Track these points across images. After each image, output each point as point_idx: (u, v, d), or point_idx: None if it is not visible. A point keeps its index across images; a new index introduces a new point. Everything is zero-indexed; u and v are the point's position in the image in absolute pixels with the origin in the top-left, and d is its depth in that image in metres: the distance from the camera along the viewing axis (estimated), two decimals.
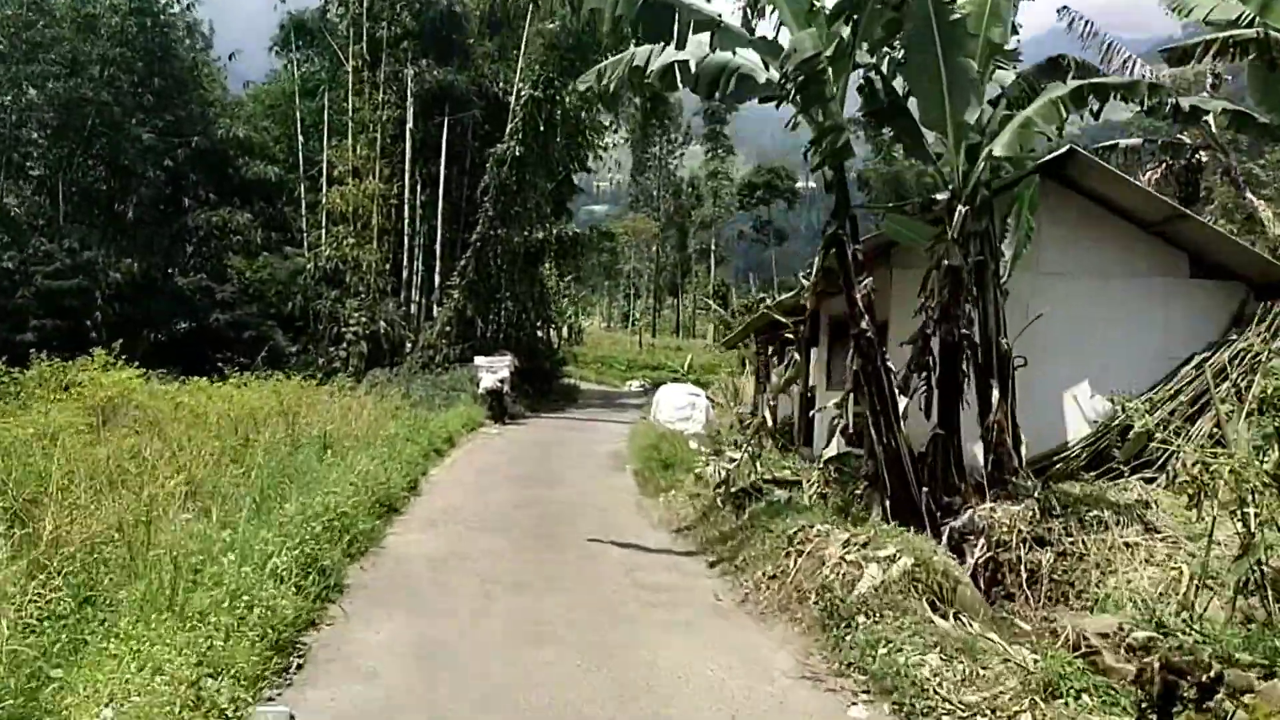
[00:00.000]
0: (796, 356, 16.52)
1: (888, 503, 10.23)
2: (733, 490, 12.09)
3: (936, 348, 10.66)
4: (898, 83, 11.48)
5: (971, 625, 7.73)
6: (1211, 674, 5.84)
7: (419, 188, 37.17)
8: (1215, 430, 12.52)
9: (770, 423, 15.68)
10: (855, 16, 10.03)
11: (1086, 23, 18.33)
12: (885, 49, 11.32)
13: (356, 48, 36.79)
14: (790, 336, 19.61)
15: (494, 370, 31.01)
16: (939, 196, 11.06)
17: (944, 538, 9.63)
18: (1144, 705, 6.00)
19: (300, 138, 38.15)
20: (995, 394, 10.82)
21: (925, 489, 10.26)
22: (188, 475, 12.74)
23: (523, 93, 34.12)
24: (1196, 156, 24.74)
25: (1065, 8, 18.96)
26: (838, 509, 10.72)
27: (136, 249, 34.43)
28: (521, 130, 32.77)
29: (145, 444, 12.82)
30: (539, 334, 42.22)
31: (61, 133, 34.07)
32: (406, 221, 36.82)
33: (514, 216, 34.09)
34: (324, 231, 37.14)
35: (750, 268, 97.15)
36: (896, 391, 10.60)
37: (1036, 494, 10.36)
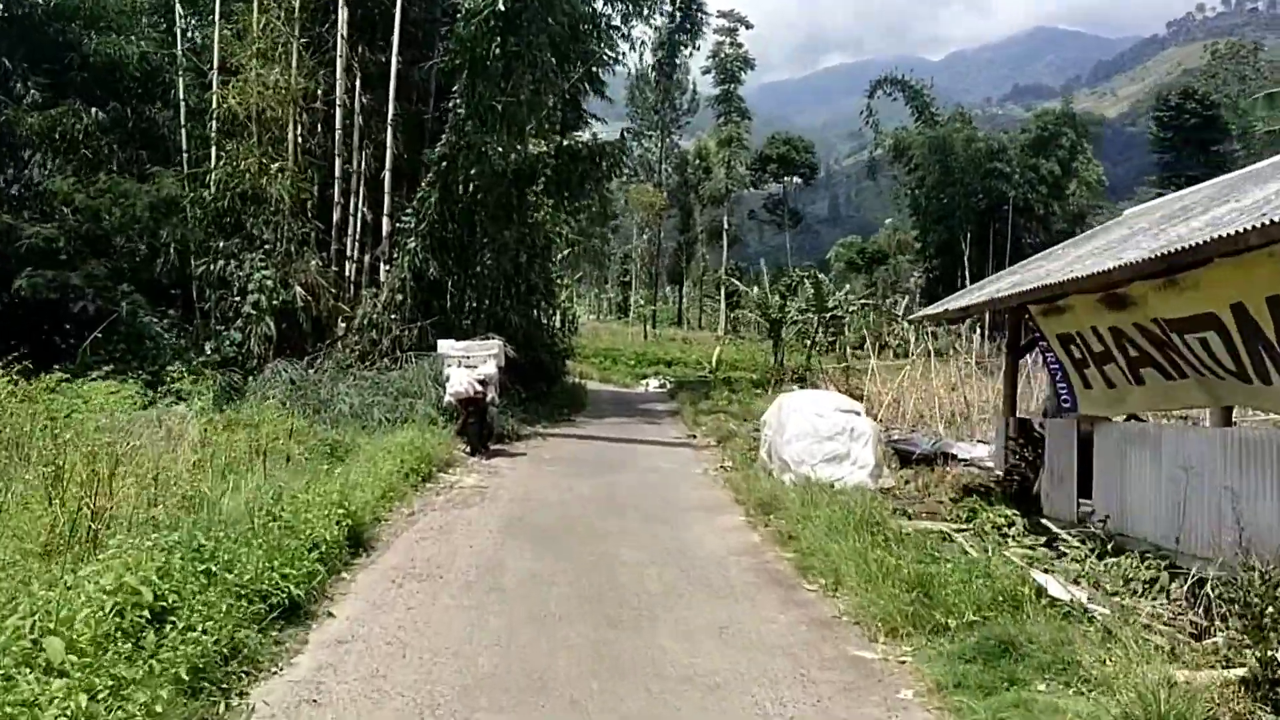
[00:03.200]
0: None
1: None
2: None
3: None
4: None
5: None
6: None
7: (358, 85, 23.33)
8: None
9: None
10: None
11: None
12: None
13: None
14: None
15: (471, 364, 17.45)
16: None
17: None
18: None
19: (179, 7, 24.15)
20: None
21: None
22: None
23: None
24: None
25: None
26: None
27: None
28: None
29: None
30: (536, 313, 28.42)
31: None
32: (339, 136, 22.99)
33: (497, 116, 20.34)
34: (214, 149, 23.25)
35: (761, 254, 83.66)
36: None
37: None
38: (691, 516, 11.49)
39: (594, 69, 30.01)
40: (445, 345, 17.73)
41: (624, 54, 31.04)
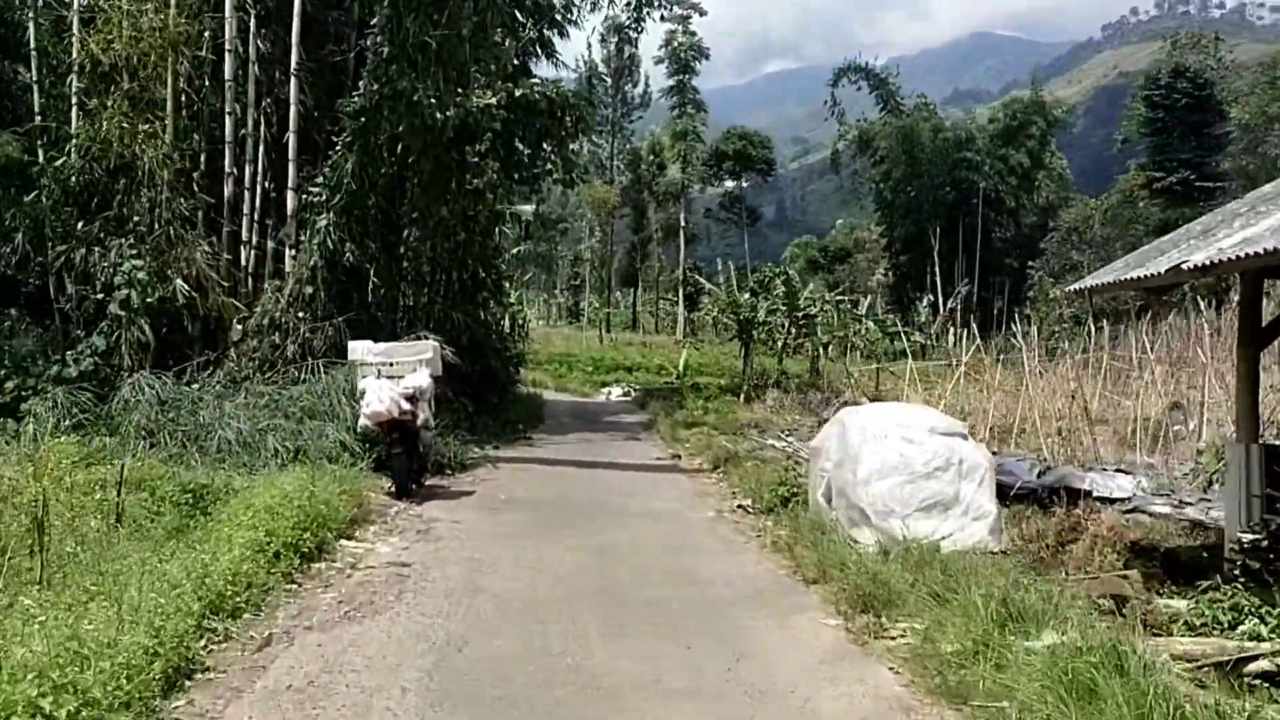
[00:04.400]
0: None
1: None
2: None
3: None
4: None
5: None
6: None
7: (253, 25, 18.33)
8: None
9: None
10: None
11: None
12: None
13: None
14: None
15: (395, 373, 12.61)
16: None
17: None
18: None
19: None
20: None
21: None
22: None
23: None
24: None
25: None
26: None
27: None
28: None
29: None
30: (484, 312, 23.54)
31: None
32: (231, 90, 17.95)
33: (430, 55, 15.55)
34: (75, 107, 18.09)
35: (715, 255, 79.19)
36: None
37: None
38: (746, 619, 6.81)
39: (545, 30, 25.28)
40: (359, 349, 12.77)
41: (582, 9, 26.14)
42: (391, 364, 12.34)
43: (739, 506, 12.11)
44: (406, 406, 11.73)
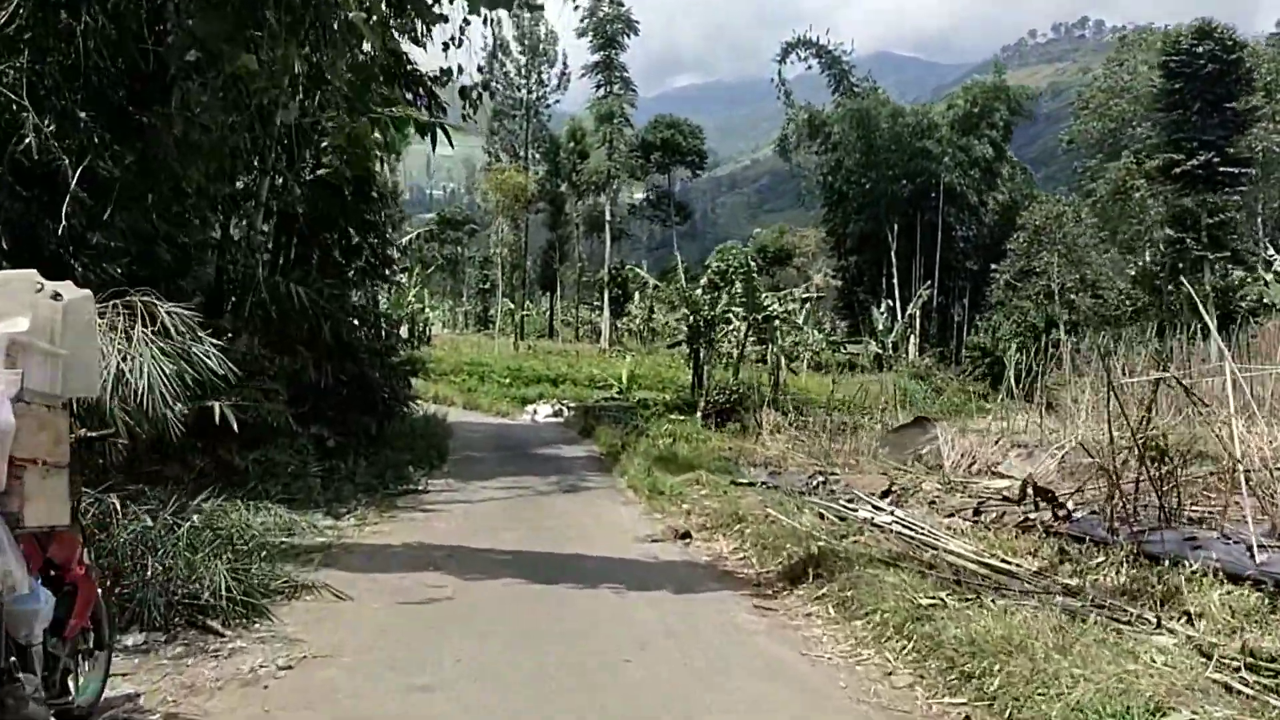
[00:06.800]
0: None
1: None
2: None
3: None
4: None
5: None
6: None
7: None
8: None
9: None
10: None
11: None
12: None
13: None
14: None
15: None
16: None
17: None
18: None
19: None
20: None
21: None
22: None
23: None
24: None
25: None
26: None
27: None
28: None
29: None
30: (360, 291, 14.48)
31: None
32: None
33: None
34: None
35: (633, 260, 70.76)
36: None
37: None
38: None
39: None
40: None
41: None
42: None
43: None
44: None
